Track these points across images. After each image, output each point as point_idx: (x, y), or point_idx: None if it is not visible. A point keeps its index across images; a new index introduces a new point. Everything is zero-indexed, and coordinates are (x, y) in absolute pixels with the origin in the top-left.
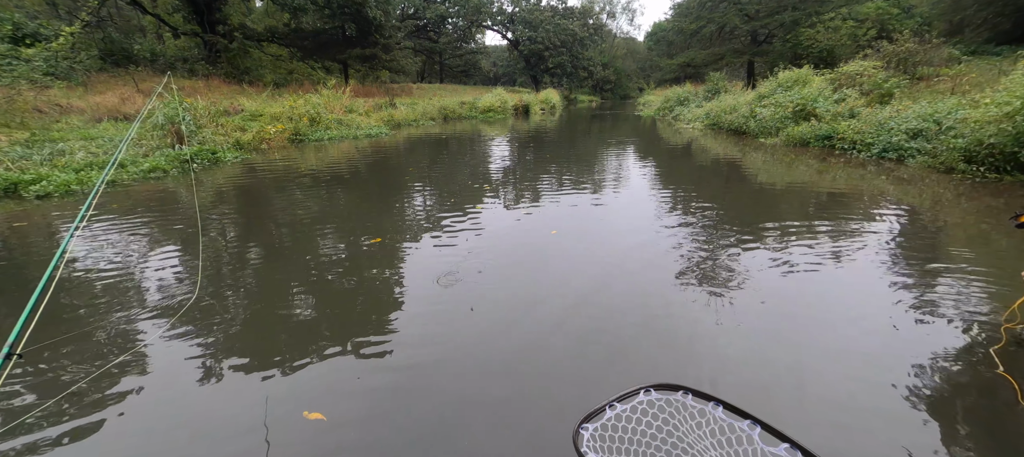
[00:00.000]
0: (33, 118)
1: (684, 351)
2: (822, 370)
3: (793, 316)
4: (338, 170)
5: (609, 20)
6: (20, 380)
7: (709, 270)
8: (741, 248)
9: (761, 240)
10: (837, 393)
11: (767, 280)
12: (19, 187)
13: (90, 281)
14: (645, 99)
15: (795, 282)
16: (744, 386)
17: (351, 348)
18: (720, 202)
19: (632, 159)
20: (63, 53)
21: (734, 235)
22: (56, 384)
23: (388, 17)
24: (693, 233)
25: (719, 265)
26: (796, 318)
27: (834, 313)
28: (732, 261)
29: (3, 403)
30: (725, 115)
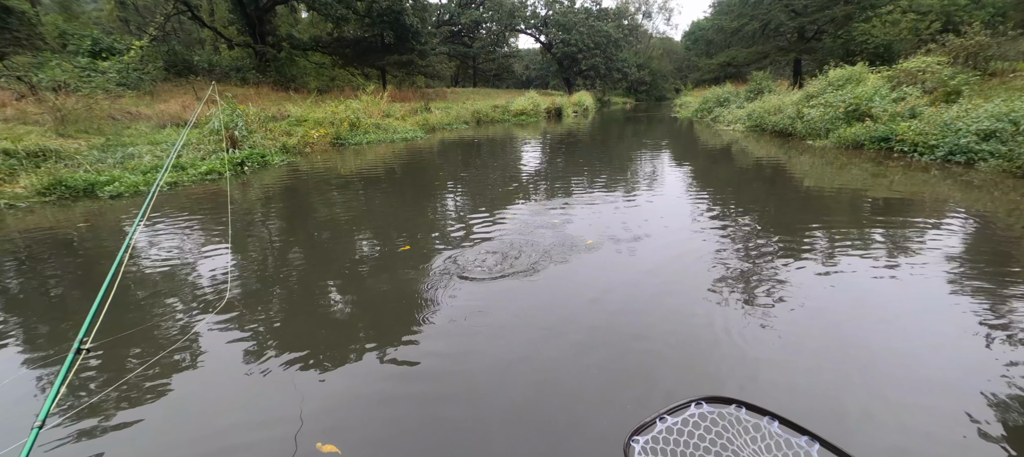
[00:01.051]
0: (107, 124)
1: (726, 368)
2: (884, 394)
3: (847, 334)
4: (375, 172)
5: (645, 20)
6: (83, 372)
7: (751, 281)
8: (786, 257)
9: (809, 249)
10: (903, 420)
11: (815, 292)
12: (95, 187)
13: (146, 276)
14: (682, 100)
15: (848, 295)
16: (795, 408)
17: (375, 360)
18: (763, 207)
19: (668, 162)
20: (133, 65)
21: (778, 243)
22: (110, 374)
23: (424, 24)
24: (733, 240)
25: (762, 276)
26: (851, 336)
27: (895, 331)
28: (776, 271)
29: (68, 392)
30: (769, 116)
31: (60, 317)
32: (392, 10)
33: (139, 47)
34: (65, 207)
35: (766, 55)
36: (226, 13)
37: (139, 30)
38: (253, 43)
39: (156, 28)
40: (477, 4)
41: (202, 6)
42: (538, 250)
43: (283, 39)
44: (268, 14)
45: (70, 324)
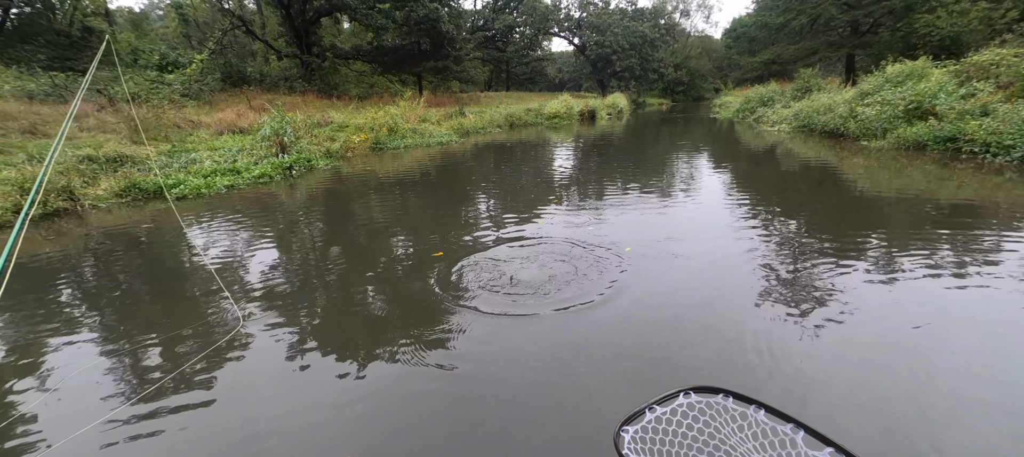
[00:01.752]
0: (173, 132)
1: (778, 388)
2: (951, 422)
3: (904, 350)
4: (411, 176)
5: (682, 18)
6: (142, 362)
7: (795, 291)
8: (838, 266)
9: (863, 257)
10: (972, 451)
11: (872, 304)
12: (163, 190)
13: (201, 271)
14: (722, 100)
15: (909, 309)
16: (849, 431)
17: (406, 361)
18: (811, 212)
19: (706, 165)
20: (194, 77)
21: (828, 250)
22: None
23: (459, 30)
24: (779, 247)
25: (808, 284)
26: (909, 352)
27: (963, 349)
28: (824, 280)
29: (130, 377)
30: (818, 115)
31: (126, 307)
32: (429, 18)
33: (199, 60)
34: (137, 208)
35: (815, 51)
36: (276, 26)
37: (200, 44)
38: (300, 54)
39: (214, 42)
40: (511, 9)
41: (255, 20)
42: (574, 255)
43: (327, 49)
44: (313, 26)
45: (137, 316)
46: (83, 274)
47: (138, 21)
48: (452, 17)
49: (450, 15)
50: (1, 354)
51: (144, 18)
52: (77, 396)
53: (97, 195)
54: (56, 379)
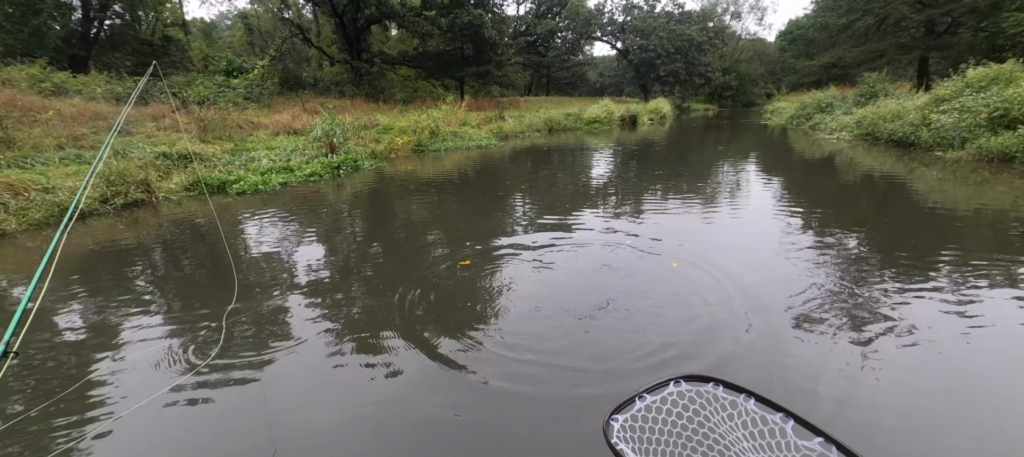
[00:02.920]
0: (236, 133)
1: (837, 417)
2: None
3: (983, 383)
4: (448, 178)
5: (733, 21)
6: (207, 342)
7: (853, 314)
8: (904, 287)
9: (934, 278)
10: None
11: (944, 332)
12: (226, 185)
13: (255, 263)
14: (774, 106)
15: (988, 337)
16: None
17: (427, 374)
18: (873, 227)
19: (755, 174)
20: (256, 82)
21: (893, 270)
22: (227, 344)
23: (502, 35)
24: (835, 265)
25: (867, 307)
26: (990, 387)
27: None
28: (885, 305)
29: (188, 353)
30: (884, 123)
31: (188, 290)
32: (472, 24)
33: (261, 67)
34: (202, 201)
35: (882, 54)
36: (330, 34)
37: (262, 51)
38: (350, 59)
39: (275, 50)
40: (553, 14)
41: (311, 29)
42: (612, 270)
43: (375, 55)
44: (364, 33)
45: (195, 298)
46: (154, 259)
47: (209, 31)
48: (495, 23)
49: (493, 21)
50: (82, 328)
51: (214, 28)
52: (144, 367)
53: (169, 188)
54: (128, 351)
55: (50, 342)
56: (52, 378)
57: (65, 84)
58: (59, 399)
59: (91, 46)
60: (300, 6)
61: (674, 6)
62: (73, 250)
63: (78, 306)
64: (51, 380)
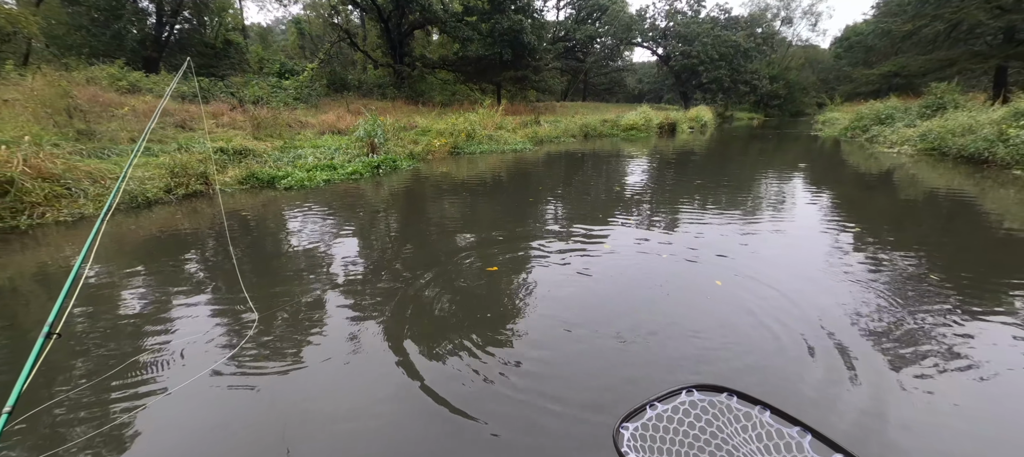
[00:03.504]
0: (286, 131)
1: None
2: None
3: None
4: (482, 181)
5: (784, 27)
6: (247, 335)
7: (908, 340)
8: (972, 315)
9: (999, 307)
10: None
11: (1006, 365)
12: (275, 180)
13: (299, 254)
14: (827, 116)
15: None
16: None
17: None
18: (935, 249)
19: (804, 187)
20: (305, 83)
21: (958, 296)
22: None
23: (541, 41)
24: (886, 286)
25: (925, 334)
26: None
27: None
28: (946, 333)
29: (231, 337)
30: (954, 137)
31: (235, 278)
32: (513, 30)
33: (311, 69)
34: (254, 194)
35: (953, 63)
36: (375, 38)
37: (312, 55)
38: (393, 63)
39: (324, 53)
40: (593, 20)
41: (358, 34)
42: (648, 285)
43: (417, 59)
44: (407, 38)
45: (242, 284)
46: (207, 246)
47: (265, 35)
48: (535, 29)
49: (533, 26)
50: (138, 308)
51: (270, 32)
52: (190, 348)
53: (225, 181)
54: (178, 332)
55: (106, 319)
56: (104, 354)
57: (139, 83)
58: (110, 375)
59: (162, 48)
60: (349, 12)
61: (720, 11)
62: (138, 234)
63: (135, 287)
64: (103, 356)
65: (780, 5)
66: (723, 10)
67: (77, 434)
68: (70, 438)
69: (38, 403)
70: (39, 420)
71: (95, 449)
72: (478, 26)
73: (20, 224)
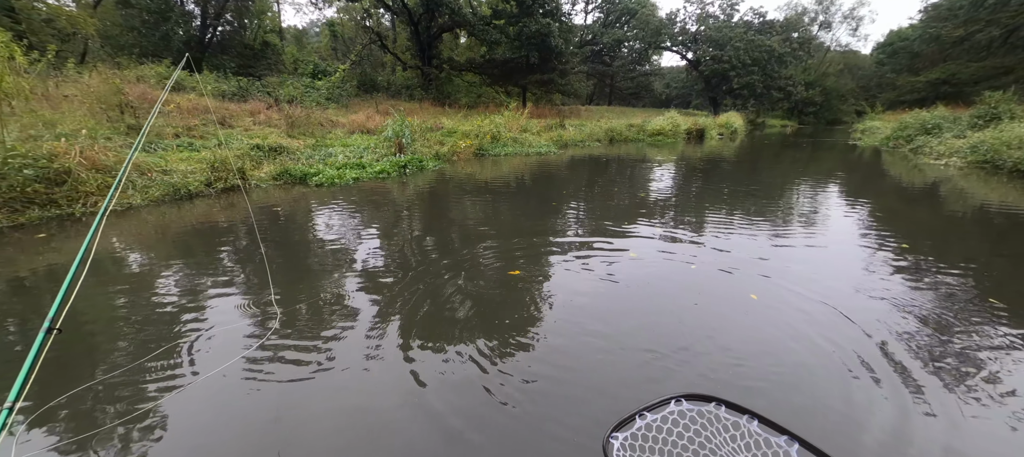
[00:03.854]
0: (317, 130)
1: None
2: None
3: None
4: (506, 182)
5: (822, 32)
6: (280, 338)
7: (953, 366)
8: (1015, 341)
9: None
10: None
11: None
12: (306, 177)
13: (323, 250)
14: (867, 124)
15: None
16: None
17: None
18: (985, 269)
19: (842, 198)
20: (337, 84)
21: (1011, 319)
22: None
23: (568, 44)
24: (931, 307)
25: (971, 361)
26: None
27: None
28: (995, 359)
29: (258, 327)
30: (1010, 149)
31: (263, 269)
32: (540, 33)
33: (343, 70)
34: (286, 189)
35: (1009, 70)
36: (405, 40)
37: (343, 56)
38: (421, 65)
39: (355, 55)
40: (622, 24)
41: (388, 36)
42: (676, 295)
43: (444, 61)
44: (436, 40)
45: (272, 276)
46: (239, 238)
47: (300, 37)
48: (562, 32)
49: (561, 30)
50: (174, 296)
51: (305, 34)
52: (223, 336)
53: (259, 176)
54: (209, 320)
55: (140, 307)
56: (143, 340)
57: (183, 82)
58: (143, 361)
59: (205, 49)
60: (380, 15)
61: (754, 15)
62: (177, 224)
63: (171, 275)
64: (141, 343)
65: (818, 9)
66: (757, 14)
67: (106, 419)
68: (99, 423)
69: (73, 386)
70: (68, 406)
71: (126, 433)
72: (506, 29)
73: (75, 211)
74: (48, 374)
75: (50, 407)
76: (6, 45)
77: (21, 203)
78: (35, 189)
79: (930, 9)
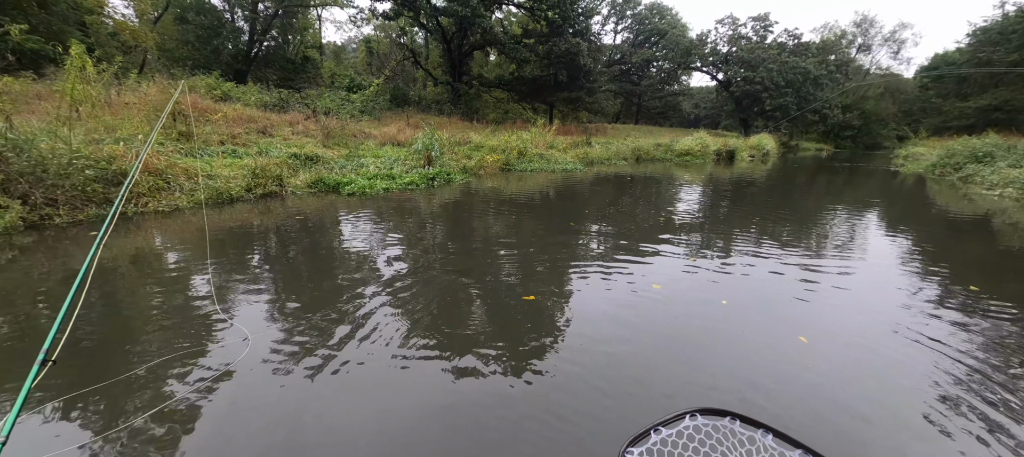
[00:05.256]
0: (351, 141)
1: None
2: None
3: None
4: (531, 198)
5: (861, 54)
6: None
7: (1003, 415)
8: None
9: None
10: None
11: None
12: (339, 186)
13: (346, 257)
14: (909, 150)
15: None
16: None
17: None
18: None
19: (880, 227)
20: (371, 97)
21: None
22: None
23: (596, 63)
24: (986, 354)
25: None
26: None
27: None
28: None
29: (282, 331)
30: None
31: (296, 275)
32: (569, 52)
33: (377, 84)
34: (319, 197)
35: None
36: (437, 57)
37: (378, 71)
38: (452, 81)
39: (390, 70)
40: (651, 44)
41: (421, 52)
42: (702, 330)
43: (474, 78)
44: (467, 58)
45: (300, 281)
46: (273, 243)
47: (339, 53)
48: (591, 51)
49: (590, 49)
50: (203, 291)
51: (343, 50)
52: (248, 337)
53: (296, 184)
54: (236, 317)
55: (164, 305)
56: (177, 336)
57: (230, 92)
58: (163, 360)
59: (251, 62)
60: (415, 33)
61: (789, 37)
62: (218, 225)
63: (210, 275)
64: (165, 341)
65: (857, 31)
66: (792, 36)
67: (127, 415)
68: (121, 417)
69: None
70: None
71: (144, 428)
72: (535, 48)
73: (128, 211)
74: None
75: (70, 397)
76: (80, 57)
77: (81, 201)
78: (94, 189)
79: (979, 33)
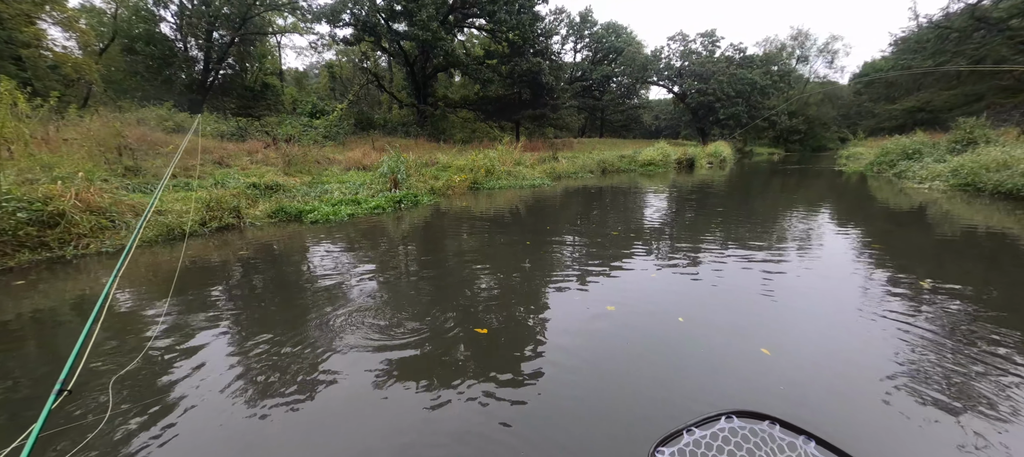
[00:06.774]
0: (314, 167)
1: None
2: None
3: None
4: (499, 216)
5: (800, 65)
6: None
7: (970, 397)
8: (1016, 363)
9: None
10: None
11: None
12: (302, 214)
13: (316, 285)
14: (850, 151)
15: None
16: None
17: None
18: (980, 289)
19: (829, 223)
20: (334, 123)
21: (1009, 339)
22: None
23: (558, 81)
24: (933, 333)
25: (989, 389)
26: None
27: None
28: (998, 381)
29: (248, 371)
30: (988, 172)
31: (258, 309)
32: (531, 72)
33: (340, 109)
34: (280, 227)
35: (980, 97)
36: (401, 80)
37: (341, 96)
38: (417, 103)
39: (353, 94)
40: (609, 61)
41: (385, 76)
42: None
43: (439, 99)
44: (431, 80)
45: (263, 318)
46: (232, 277)
47: (300, 79)
48: (552, 70)
49: (551, 68)
50: (165, 329)
51: (305, 76)
52: (226, 373)
53: (255, 215)
54: (204, 356)
55: (114, 348)
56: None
57: (183, 123)
58: (150, 402)
59: (206, 91)
60: (377, 57)
61: (735, 51)
62: (171, 263)
63: (158, 314)
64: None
65: (794, 44)
66: (738, 50)
67: None
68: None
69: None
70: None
71: None
72: (498, 68)
73: (66, 254)
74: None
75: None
76: (9, 93)
77: (12, 246)
78: (27, 232)
79: (900, 42)
